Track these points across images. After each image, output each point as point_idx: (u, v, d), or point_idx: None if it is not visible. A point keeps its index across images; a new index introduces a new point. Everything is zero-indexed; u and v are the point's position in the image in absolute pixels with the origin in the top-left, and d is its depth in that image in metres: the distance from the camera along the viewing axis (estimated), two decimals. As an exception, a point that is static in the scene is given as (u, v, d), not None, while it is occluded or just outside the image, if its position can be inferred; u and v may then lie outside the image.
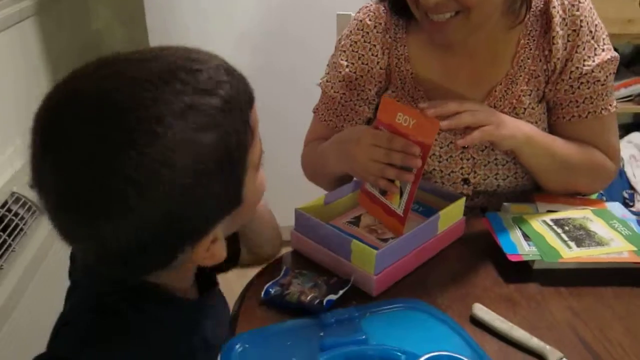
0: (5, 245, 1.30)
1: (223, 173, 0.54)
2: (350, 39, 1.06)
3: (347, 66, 1.06)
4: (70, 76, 0.53)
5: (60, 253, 1.56)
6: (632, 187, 2.19)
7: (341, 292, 0.78)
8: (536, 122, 1.01)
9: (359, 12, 1.07)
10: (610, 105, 1.00)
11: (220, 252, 0.59)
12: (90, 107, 0.50)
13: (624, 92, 2.22)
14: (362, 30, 1.05)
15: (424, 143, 0.81)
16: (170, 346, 0.61)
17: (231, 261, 0.83)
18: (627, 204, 2.14)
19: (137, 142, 0.48)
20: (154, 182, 0.49)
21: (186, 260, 0.58)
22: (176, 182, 0.50)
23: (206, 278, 0.73)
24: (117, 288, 0.59)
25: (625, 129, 2.40)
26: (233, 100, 0.54)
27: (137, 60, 0.53)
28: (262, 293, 0.80)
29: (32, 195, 1.44)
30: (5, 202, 1.38)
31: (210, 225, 0.56)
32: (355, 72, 1.05)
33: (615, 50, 1.00)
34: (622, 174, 2.21)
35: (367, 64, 1.05)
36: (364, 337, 0.71)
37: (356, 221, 0.97)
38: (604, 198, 1.12)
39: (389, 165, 0.84)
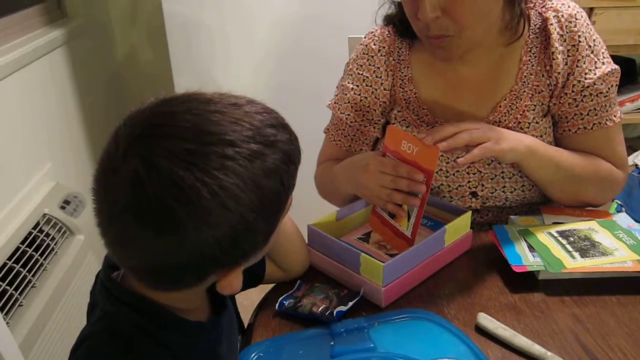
0: (38, 264, 1.37)
1: (270, 217, 0.59)
2: (357, 63, 1.11)
3: (352, 89, 1.11)
4: (161, 102, 0.58)
5: (88, 272, 1.63)
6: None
7: (351, 303, 0.82)
8: (541, 136, 1.03)
9: (365, 37, 1.12)
10: (615, 115, 1.02)
11: (238, 284, 0.62)
12: (180, 128, 0.54)
13: (640, 103, 2.22)
14: (367, 54, 1.10)
15: (427, 169, 0.85)
16: None
17: (257, 280, 0.88)
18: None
19: (212, 172, 0.52)
20: (217, 209, 0.53)
21: (206, 285, 0.62)
22: (235, 214, 0.54)
23: (219, 298, 0.75)
24: (126, 309, 0.63)
25: (646, 141, 2.39)
26: (291, 157, 0.60)
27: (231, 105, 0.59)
28: (277, 305, 0.84)
29: (62, 216, 1.52)
30: (38, 223, 1.45)
31: (245, 260, 0.60)
32: (360, 94, 1.10)
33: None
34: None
35: (371, 86, 1.09)
36: (372, 345, 0.75)
37: (366, 237, 1.01)
38: (623, 209, 1.11)
39: (396, 190, 0.88)
